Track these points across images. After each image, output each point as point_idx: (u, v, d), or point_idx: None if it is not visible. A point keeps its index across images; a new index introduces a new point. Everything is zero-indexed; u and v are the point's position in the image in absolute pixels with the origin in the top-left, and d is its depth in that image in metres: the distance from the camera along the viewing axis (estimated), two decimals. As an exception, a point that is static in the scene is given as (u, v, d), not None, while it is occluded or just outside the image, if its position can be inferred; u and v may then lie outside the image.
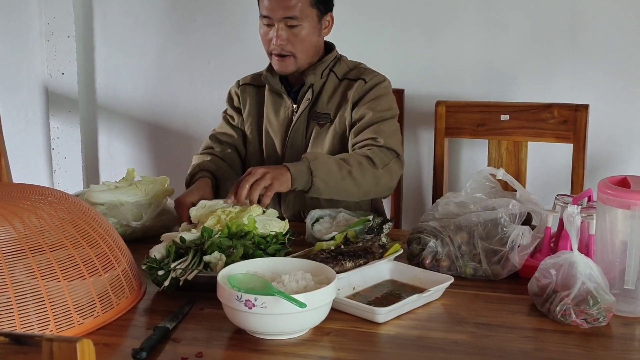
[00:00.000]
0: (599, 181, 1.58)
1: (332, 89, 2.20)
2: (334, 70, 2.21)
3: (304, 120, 2.20)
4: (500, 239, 1.74)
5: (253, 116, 2.28)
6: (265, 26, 2.15)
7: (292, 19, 2.10)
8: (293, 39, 2.12)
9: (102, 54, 2.98)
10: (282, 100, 2.23)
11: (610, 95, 2.50)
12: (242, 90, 2.31)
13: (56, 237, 1.44)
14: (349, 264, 1.67)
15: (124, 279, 1.55)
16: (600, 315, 1.48)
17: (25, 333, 0.83)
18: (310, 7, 2.12)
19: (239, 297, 1.36)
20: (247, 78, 2.34)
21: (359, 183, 2.01)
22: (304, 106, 2.20)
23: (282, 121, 2.23)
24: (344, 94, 2.19)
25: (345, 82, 2.20)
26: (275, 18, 2.11)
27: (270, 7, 2.10)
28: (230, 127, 2.32)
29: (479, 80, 2.61)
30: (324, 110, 2.19)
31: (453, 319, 1.52)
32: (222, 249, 1.66)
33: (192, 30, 2.87)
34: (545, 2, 2.53)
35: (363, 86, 2.17)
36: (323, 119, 2.19)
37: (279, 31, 2.11)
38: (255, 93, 2.29)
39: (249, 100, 2.29)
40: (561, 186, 2.44)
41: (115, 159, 3.06)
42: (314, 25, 2.14)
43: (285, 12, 2.09)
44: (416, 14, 2.62)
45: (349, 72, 2.22)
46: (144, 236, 1.96)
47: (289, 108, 2.22)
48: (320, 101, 2.20)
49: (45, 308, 1.37)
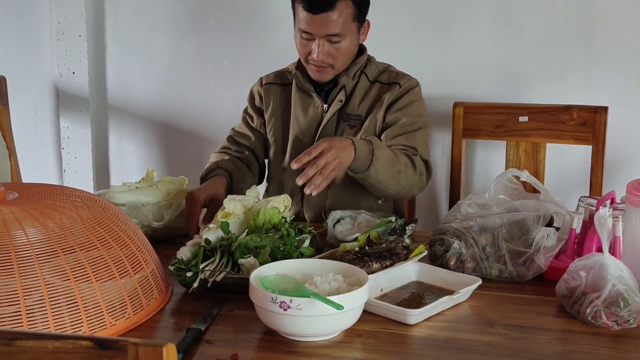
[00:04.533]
0: (628, 183, 1.59)
1: (364, 91, 2.20)
2: (365, 72, 2.21)
3: (334, 121, 2.20)
4: (525, 240, 1.74)
5: (278, 115, 2.27)
6: (303, 39, 2.11)
7: (336, 36, 2.07)
8: (335, 52, 2.10)
9: (113, 53, 2.97)
10: (312, 100, 2.22)
11: (626, 97, 2.51)
12: (265, 90, 2.29)
13: (86, 237, 1.44)
14: (375, 265, 1.67)
15: (153, 280, 1.54)
16: (631, 317, 1.48)
17: (110, 337, 0.82)
18: (351, 22, 2.09)
19: (273, 298, 1.35)
20: (270, 76, 2.32)
21: (400, 183, 2.03)
22: (335, 107, 2.19)
23: (311, 120, 2.22)
24: (377, 98, 2.18)
25: (377, 85, 2.20)
26: (318, 35, 2.07)
27: (313, 25, 2.05)
28: (248, 128, 2.31)
29: (493, 81, 2.61)
30: (356, 112, 2.19)
31: (483, 321, 1.52)
32: (250, 249, 1.66)
33: (204, 30, 2.87)
34: (560, 4, 2.53)
35: (398, 90, 2.17)
36: (354, 120, 2.18)
37: (320, 47, 2.08)
38: (280, 92, 2.28)
39: (273, 100, 2.28)
40: (578, 188, 2.45)
41: (125, 159, 3.05)
42: (355, 37, 2.13)
43: (328, 29, 2.05)
44: (431, 14, 2.62)
45: (380, 74, 2.22)
46: (165, 237, 1.96)
47: (319, 107, 2.21)
48: (352, 103, 2.20)
49: (78, 309, 1.36)
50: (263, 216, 1.79)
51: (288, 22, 2.75)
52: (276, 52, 2.79)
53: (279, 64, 2.73)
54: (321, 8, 2.02)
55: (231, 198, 1.80)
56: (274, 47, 2.80)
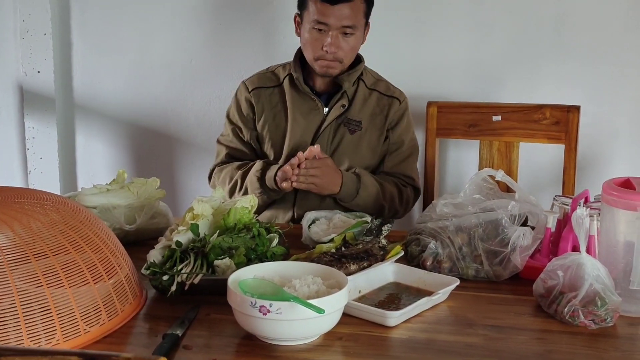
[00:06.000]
0: (604, 182, 1.59)
1: (363, 98, 2.24)
2: (362, 79, 2.25)
3: (334, 125, 2.21)
4: (501, 240, 1.75)
5: (271, 119, 2.25)
6: (316, 31, 2.13)
7: (350, 28, 2.11)
8: (346, 46, 2.14)
9: (79, 51, 2.91)
10: (313, 103, 2.22)
11: (596, 96, 2.53)
12: (255, 96, 2.26)
13: (58, 241, 1.40)
14: (353, 266, 1.65)
15: (127, 285, 1.51)
16: (608, 315, 1.49)
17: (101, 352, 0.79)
18: (363, 17, 2.15)
19: (253, 302, 1.33)
20: (254, 81, 2.29)
21: (383, 212, 2.18)
22: (338, 111, 2.21)
23: (311, 123, 2.21)
24: (377, 108, 2.24)
25: (376, 94, 2.25)
26: (334, 26, 2.10)
27: (330, 16, 2.09)
28: (240, 143, 2.29)
29: (466, 80, 2.62)
30: (356, 117, 2.22)
31: (462, 322, 1.52)
32: (223, 249, 1.63)
33: (173, 28, 2.82)
34: (531, 3, 2.55)
35: (398, 106, 2.25)
36: (354, 125, 2.22)
37: (333, 38, 2.11)
38: (269, 94, 2.26)
39: (264, 104, 2.26)
40: (550, 186, 2.47)
41: (93, 160, 2.99)
42: (362, 33, 2.18)
43: (346, 21, 2.10)
44: (403, 14, 2.61)
45: (376, 82, 2.28)
46: (137, 240, 1.92)
47: (320, 111, 2.21)
48: (352, 108, 2.22)
49: (52, 316, 1.32)
50: (233, 216, 1.76)
51: (259, 21, 2.74)
52: (246, 51, 2.76)
53: (249, 63, 2.72)
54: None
55: (199, 199, 1.78)
56: (244, 46, 2.77)
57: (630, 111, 2.55)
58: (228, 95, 2.42)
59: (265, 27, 2.74)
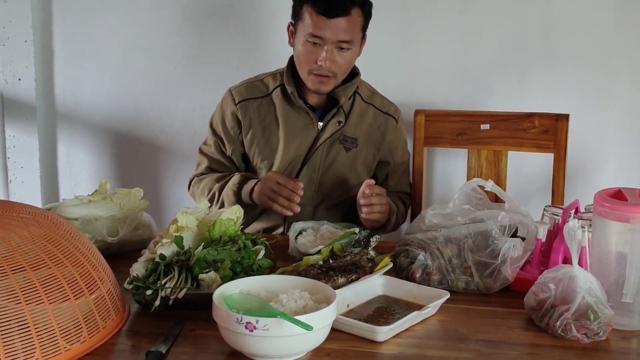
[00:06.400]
0: (595, 193, 1.57)
1: (360, 113, 2.20)
2: (358, 92, 2.21)
3: (330, 142, 2.16)
4: (492, 251, 1.72)
5: (260, 133, 2.18)
6: (310, 45, 2.05)
7: (347, 43, 2.05)
8: (341, 60, 2.07)
9: (61, 59, 2.86)
10: (307, 118, 2.16)
11: (584, 103, 2.52)
12: (242, 109, 2.18)
13: (37, 255, 1.36)
14: (341, 279, 1.62)
15: (109, 300, 1.47)
16: (601, 329, 1.47)
17: None
18: (360, 31, 2.09)
19: (239, 319, 1.29)
20: (241, 91, 2.21)
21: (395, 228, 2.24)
22: (333, 128, 2.16)
23: (306, 140, 2.16)
24: (374, 125, 2.21)
25: (372, 109, 2.22)
26: (329, 40, 2.03)
27: (326, 30, 2.02)
28: (222, 156, 2.23)
29: (454, 87, 2.60)
30: (353, 134, 2.19)
31: (453, 336, 1.49)
32: (209, 263, 1.60)
33: (157, 35, 2.78)
34: (519, 11, 2.53)
35: (395, 126, 2.25)
36: (350, 143, 2.18)
37: (328, 53, 2.04)
38: (257, 106, 2.19)
39: (253, 117, 2.18)
40: (539, 195, 2.45)
41: (75, 169, 2.94)
42: (358, 47, 2.12)
43: (342, 35, 2.03)
44: (391, 21, 2.59)
45: (371, 96, 2.25)
46: (120, 252, 1.88)
47: (315, 127, 2.16)
48: (349, 124, 2.18)
49: (30, 334, 1.28)
50: (219, 228, 1.73)
51: (244, 28, 2.71)
52: (231, 59, 2.73)
53: (233, 70, 2.68)
54: (337, 12, 2.01)
55: (184, 211, 1.74)
56: (229, 53, 2.73)
57: (618, 118, 2.53)
58: (212, 103, 2.38)
59: (250, 34, 2.70)
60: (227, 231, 1.72)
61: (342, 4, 2.01)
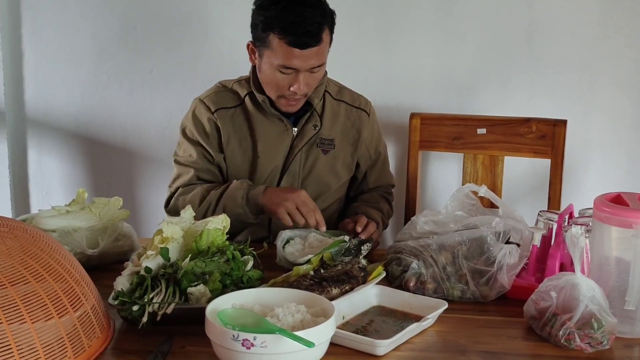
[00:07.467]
0: (595, 198, 1.54)
1: (332, 112, 2.14)
2: (327, 90, 2.14)
3: (307, 147, 2.10)
4: (487, 258, 1.68)
5: (238, 144, 2.09)
6: (280, 73, 1.95)
7: (318, 67, 1.97)
8: (313, 81, 1.99)
9: (31, 62, 2.76)
10: (281, 124, 2.08)
11: (567, 106, 2.50)
12: (220, 118, 2.08)
13: (17, 271, 1.28)
14: (335, 290, 1.56)
15: (94, 317, 1.39)
16: (604, 338, 1.43)
17: None
18: (328, 45, 1.99)
19: (235, 336, 1.23)
20: (213, 99, 2.10)
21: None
22: (310, 132, 2.09)
23: (282, 147, 2.08)
24: (348, 123, 2.15)
25: (344, 105, 2.16)
26: (302, 69, 1.94)
27: (299, 60, 1.91)
28: (210, 164, 2.11)
29: (436, 91, 2.56)
30: (328, 135, 2.13)
31: (453, 348, 1.44)
32: (197, 275, 1.53)
33: (132, 37, 2.70)
34: (502, 13, 2.50)
35: (368, 120, 2.18)
36: (327, 145, 2.12)
37: (302, 79, 1.95)
38: (231, 115, 2.09)
39: (228, 126, 2.09)
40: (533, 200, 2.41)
41: (47, 177, 2.84)
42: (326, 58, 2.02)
43: (314, 61, 1.94)
44: (373, 24, 2.54)
45: (339, 91, 2.18)
46: (100, 264, 1.80)
47: (289, 133, 2.08)
48: (324, 126, 2.12)
49: (12, 355, 1.20)
50: (206, 238, 1.66)
51: (221, 31, 2.64)
52: (209, 62, 2.66)
53: (212, 73, 2.60)
54: (309, 44, 1.91)
55: (168, 221, 1.66)
56: (207, 56, 2.66)
57: (602, 121, 2.52)
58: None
59: (229, 37, 2.63)
60: (214, 241, 1.65)
61: (314, 35, 1.90)
